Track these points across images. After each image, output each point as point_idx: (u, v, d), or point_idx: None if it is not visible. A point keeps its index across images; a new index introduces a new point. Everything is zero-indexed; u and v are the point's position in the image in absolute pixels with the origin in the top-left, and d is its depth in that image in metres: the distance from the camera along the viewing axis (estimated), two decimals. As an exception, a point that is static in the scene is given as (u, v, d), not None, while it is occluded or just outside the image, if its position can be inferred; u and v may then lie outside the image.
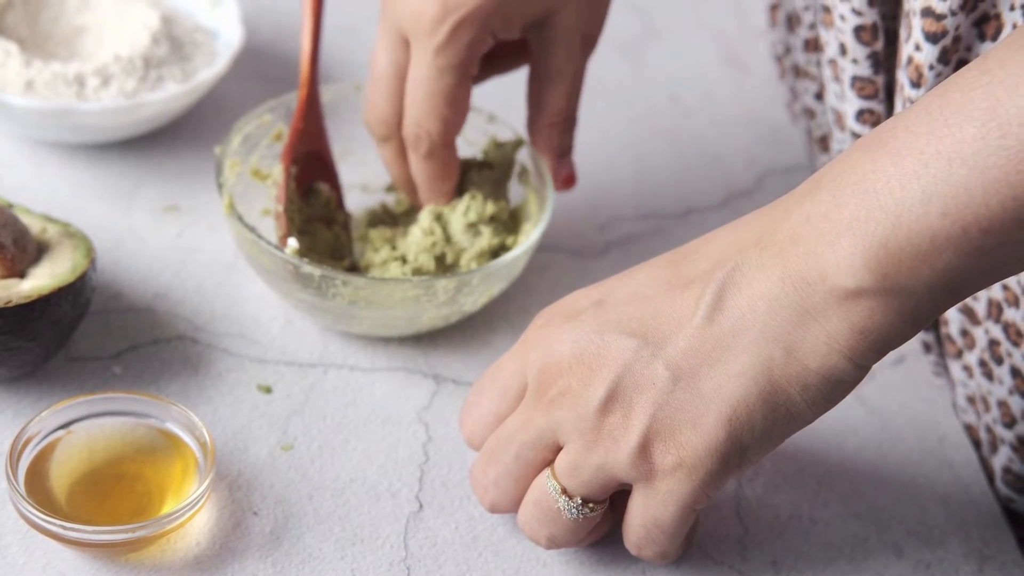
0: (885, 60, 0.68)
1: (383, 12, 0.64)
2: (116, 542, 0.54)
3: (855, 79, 0.68)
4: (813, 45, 0.76)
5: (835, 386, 0.50)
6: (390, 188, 0.73)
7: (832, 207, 0.49)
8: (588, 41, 0.66)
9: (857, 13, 0.67)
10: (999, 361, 0.64)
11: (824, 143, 0.78)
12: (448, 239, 0.67)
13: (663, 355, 0.52)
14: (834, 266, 0.48)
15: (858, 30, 0.67)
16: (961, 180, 0.46)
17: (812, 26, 0.75)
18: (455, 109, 0.63)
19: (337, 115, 0.71)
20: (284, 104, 0.70)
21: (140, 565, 0.56)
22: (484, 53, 0.64)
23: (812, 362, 0.50)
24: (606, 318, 0.54)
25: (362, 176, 0.73)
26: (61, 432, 0.57)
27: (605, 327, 0.53)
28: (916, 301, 0.48)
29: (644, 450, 0.52)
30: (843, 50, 0.68)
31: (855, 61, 0.68)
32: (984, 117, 0.45)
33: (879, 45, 0.67)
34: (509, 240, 0.67)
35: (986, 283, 0.49)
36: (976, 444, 0.68)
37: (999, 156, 0.45)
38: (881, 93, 0.68)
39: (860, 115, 0.70)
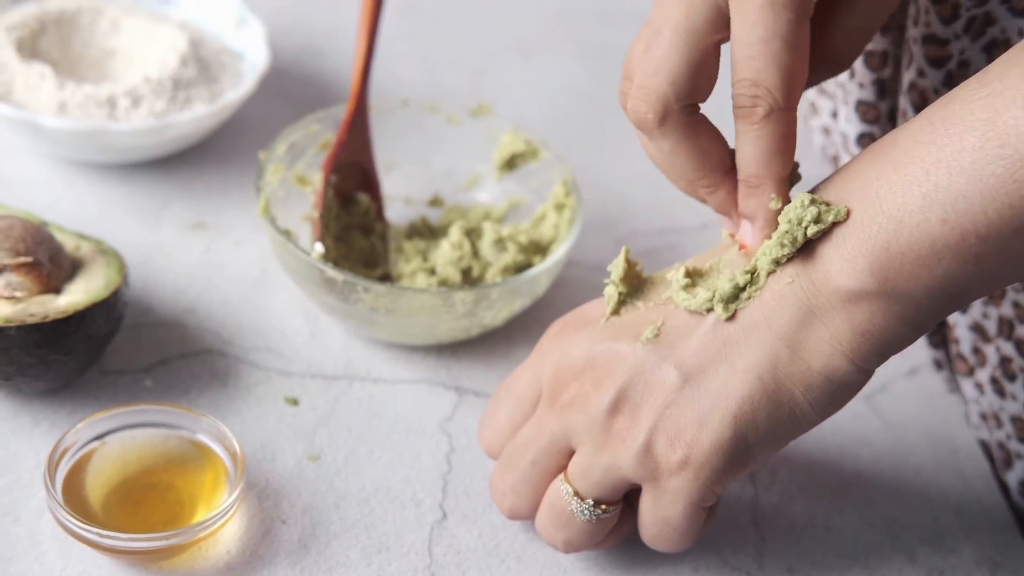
0: (890, 86, 0.69)
1: None
2: (150, 550, 0.56)
3: (859, 103, 0.70)
4: None
5: (838, 388, 0.51)
6: (432, 202, 0.75)
7: None
8: None
9: None
10: (1012, 378, 0.64)
11: (836, 162, 0.80)
12: (476, 254, 0.69)
13: (673, 357, 0.53)
14: (837, 268, 0.49)
15: (867, 55, 0.68)
16: (960, 188, 0.47)
17: None
18: (797, 57, 0.50)
19: (386, 128, 0.73)
20: (332, 115, 0.72)
21: (172, 572, 0.57)
22: None
23: (815, 362, 0.51)
24: (619, 324, 0.55)
25: (406, 189, 0.75)
26: (96, 443, 0.59)
27: (618, 333, 0.54)
28: (916, 306, 0.49)
29: (651, 449, 0.53)
30: (852, 73, 0.69)
31: (861, 85, 0.69)
32: (984, 127, 0.46)
33: (887, 72, 0.68)
34: (536, 259, 0.69)
35: (985, 291, 0.49)
36: (990, 460, 0.68)
37: (997, 165, 0.46)
38: (883, 119, 0.70)
39: (860, 139, 0.71)
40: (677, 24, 0.52)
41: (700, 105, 0.54)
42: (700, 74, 0.52)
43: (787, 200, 0.52)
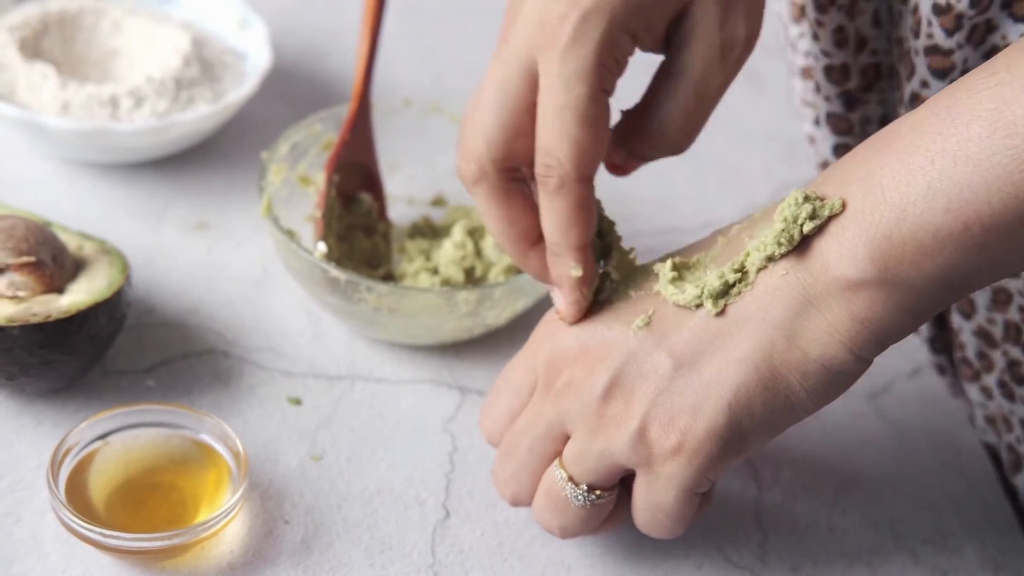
0: (879, 94, 0.69)
1: (503, 40, 0.54)
2: (153, 549, 0.56)
3: (830, 116, 0.70)
4: (808, 73, 0.77)
5: (835, 376, 0.51)
6: (435, 202, 0.75)
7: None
8: (729, 48, 0.54)
9: (826, 54, 0.68)
10: (1020, 381, 0.64)
11: (825, 167, 0.80)
12: (479, 253, 0.69)
13: (666, 343, 0.53)
14: (837, 256, 0.49)
15: (828, 70, 0.68)
16: (965, 177, 0.46)
17: (807, 54, 0.77)
18: (588, 131, 0.52)
19: (389, 129, 0.73)
20: (335, 115, 0.72)
21: (175, 572, 0.57)
22: (623, 68, 0.53)
23: (812, 350, 0.51)
24: (610, 312, 0.55)
25: (409, 189, 0.75)
26: (99, 443, 0.59)
27: (609, 320, 0.55)
28: (917, 295, 0.49)
29: (644, 435, 0.53)
30: (817, 87, 0.70)
31: (828, 99, 0.69)
32: (991, 117, 0.46)
33: (851, 84, 0.68)
34: None
35: (987, 280, 0.49)
36: (996, 463, 0.68)
37: (1003, 155, 0.46)
38: (856, 128, 0.70)
39: (836, 149, 0.71)
40: (495, 86, 0.53)
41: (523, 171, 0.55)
42: (515, 137, 0.53)
43: (589, 267, 0.54)
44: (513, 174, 0.55)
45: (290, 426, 0.64)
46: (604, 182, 0.80)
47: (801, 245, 0.50)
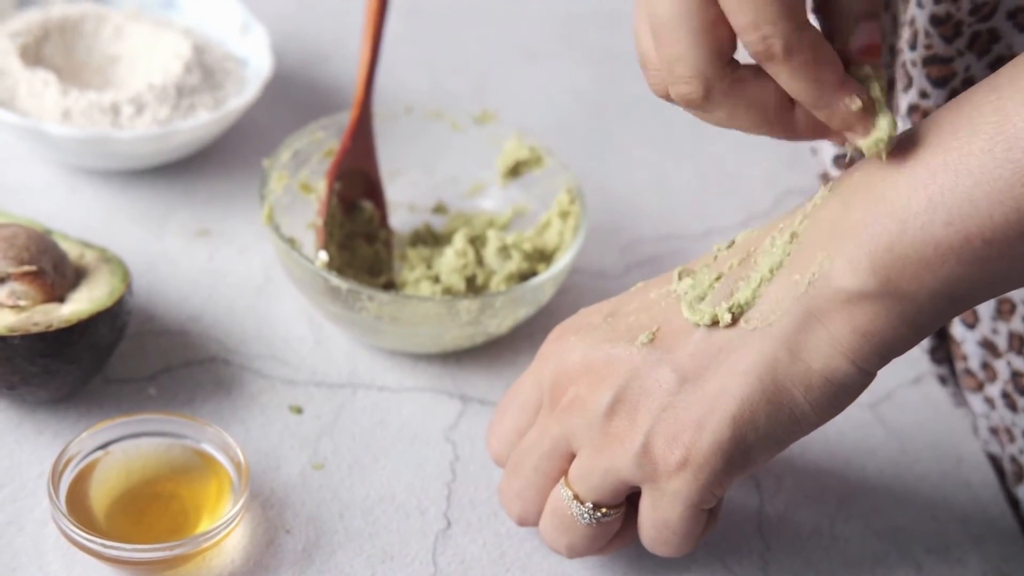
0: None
1: None
2: (154, 560, 0.56)
3: None
4: None
5: (839, 389, 0.51)
6: (436, 209, 0.75)
7: (840, 212, 0.50)
8: None
9: None
10: (1023, 392, 0.64)
11: (825, 179, 0.80)
12: (480, 261, 0.69)
13: (670, 359, 0.53)
14: (839, 268, 0.49)
15: None
16: (966, 191, 0.46)
17: None
18: None
19: (390, 135, 0.73)
20: (336, 122, 0.72)
21: (176, 582, 0.57)
22: None
23: (815, 363, 0.50)
24: (615, 328, 0.55)
25: (410, 196, 0.75)
26: (100, 453, 0.59)
27: (614, 336, 0.54)
28: (919, 307, 0.49)
29: (648, 450, 0.52)
30: None
31: None
32: (992, 131, 0.46)
33: None
34: (540, 267, 0.69)
35: (989, 294, 0.49)
36: (1000, 473, 0.68)
37: (1004, 169, 0.46)
38: None
39: (836, 160, 0.71)
40: None
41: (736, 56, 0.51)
42: (716, 30, 0.49)
43: (860, 89, 0.49)
44: (732, 66, 0.50)
45: (291, 434, 0.64)
46: (603, 186, 0.80)
47: (805, 256, 0.50)
